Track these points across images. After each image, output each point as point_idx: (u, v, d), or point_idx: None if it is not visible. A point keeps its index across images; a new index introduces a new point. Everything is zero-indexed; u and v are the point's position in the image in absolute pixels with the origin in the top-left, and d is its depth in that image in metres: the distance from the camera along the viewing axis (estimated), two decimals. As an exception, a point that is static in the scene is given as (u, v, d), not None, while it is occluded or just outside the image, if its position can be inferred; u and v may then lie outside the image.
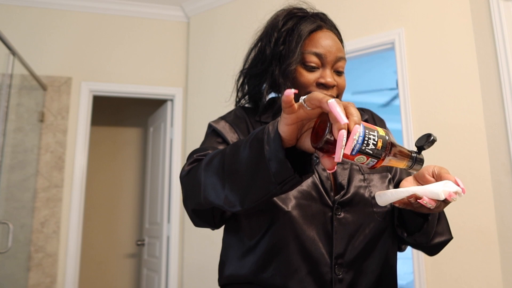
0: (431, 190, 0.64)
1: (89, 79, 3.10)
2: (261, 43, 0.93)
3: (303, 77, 0.86)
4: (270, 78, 0.90)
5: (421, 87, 2.19)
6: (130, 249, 4.02)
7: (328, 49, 0.86)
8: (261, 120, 0.91)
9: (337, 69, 0.88)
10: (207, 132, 0.94)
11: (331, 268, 0.78)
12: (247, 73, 0.96)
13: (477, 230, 1.93)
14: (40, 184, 2.85)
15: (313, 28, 0.88)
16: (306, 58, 0.86)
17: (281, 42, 0.89)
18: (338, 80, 0.88)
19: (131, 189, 4.16)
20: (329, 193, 0.81)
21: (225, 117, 0.94)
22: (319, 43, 0.86)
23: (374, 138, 0.54)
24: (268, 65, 0.90)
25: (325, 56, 0.86)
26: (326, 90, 0.85)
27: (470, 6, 2.09)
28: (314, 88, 0.86)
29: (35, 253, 2.76)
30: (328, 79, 0.85)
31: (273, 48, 0.90)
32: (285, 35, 0.89)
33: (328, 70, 0.86)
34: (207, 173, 0.70)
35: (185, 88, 3.28)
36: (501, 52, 1.93)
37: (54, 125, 2.96)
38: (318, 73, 0.86)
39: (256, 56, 0.94)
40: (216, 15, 3.16)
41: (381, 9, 2.38)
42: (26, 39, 3.01)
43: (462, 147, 2.01)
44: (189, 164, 0.80)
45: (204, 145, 0.90)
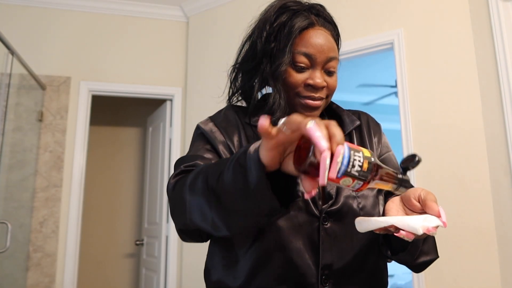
0: (410, 224, 0.62)
1: (88, 78, 3.10)
2: (253, 37, 0.90)
3: (292, 78, 0.83)
4: (261, 75, 0.87)
5: (420, 88, 2.19)
6: (129, 249, 4.02)
7: (318, 49, 0.82)
8: (251, 123, 0.87)
9: (328, 69, 0.84)
10: (195, 134, 0.91)
11: (318, 279, 0.77)
12: (239, 68, 0.93)
13: (476, 230, 1.93)
14: (39, 184, 2.85)
15: (304, 26, 0.83)
16: (296, 58, 0.82)
17: (272, 38, 0.85)
18: (328, 80, 0.85)
19: (130, 189, 4.16)
20: (316, 203, 0.79)
21: (215, 119, 0.90)
22: (309, 43, 0.82)
23: (360, 159, 0.52)
24: (259, 62, 0.87)
25: (315, 56, 0.82)
26: (315, 91, 0.83)
27: (469, 7, 2.09)
28: (302, 89, 0.83)
29: (34, 253, 2.76)
30: (317, 80, 0.82)
31: (264, 44, 0.86)
32: (277, 30, 0.85)
33: (318, 71, 0.83)
34: (192, 194, 0.67)
35: (184, 88, 3.28)
36: (500, 53, 1.93)
37: (53, 125, 2.95)
38: (308, 73, 0.83)
39: (248, 51, 0.91)
40: (215, 15, 3.16)
41: (380, 10, 2.39)
42: (25, 38, 3.00)
43: (461, 147, 2.02)
44: (175, 176, 0.77)
45: (191, 151, 0.86)
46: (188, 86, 3.25)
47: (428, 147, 2.12)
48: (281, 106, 0.83)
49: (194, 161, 0.80)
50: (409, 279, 4.71)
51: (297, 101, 0.84)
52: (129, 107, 4.23)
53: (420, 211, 0.69)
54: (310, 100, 0.83)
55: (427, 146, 2.13)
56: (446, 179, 2.03)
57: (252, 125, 0.87)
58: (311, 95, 0.83)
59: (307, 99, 0.83)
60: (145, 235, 3.60)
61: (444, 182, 2.04)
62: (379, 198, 0.86)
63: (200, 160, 0.80)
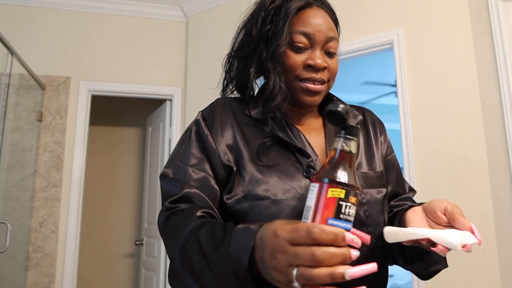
0: (448, 240, 0.59)
1: (88, 78, 3.10)
2: (248, 24, 0.86)
3: (291, 59, 0.78)
4: (258, 60, 0.83)
5: (419, 87, 2.19)
6: (128, 249, 4.02)
7: (317, 28, 0.78)
8: (250, 115, 0.82)
9: (328, 50, 0.80)
10: (191, 131, 0.83)
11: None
12: (234, 56, 0.89)
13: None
14: (38, 184, 2.85)
15: (301, 5, 0.80)
16: (294, 38, 0.78)
17: (268, 21, 0.82)
18: (329, 62, 0.80)
19: (129, 189, 4.15)
20: None
21: (207, 117, 0.83)
22: (308, 22, 0.79)
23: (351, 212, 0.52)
24: (255, 47, 0.83)
25: (314, 35, 0.78)
26: (315, 72, 0.78)
27: (468, 7, 2.09)
28: (302, 71, 0.79)
29: (33, 253, 2.76)
30: (318, 61, 0.77)
31: (260, 28, 0.82)
32: (273, 13, 0.82)
33: (318, 51, 0.79)
34: (186, 273, 0.63)
35: (184, 88, 3.28)
36: (499, 52, 1.93)
37: (53, 125, 2.95)
38: (307, 54, 0.79)
39: (243, 38, 0.87)
40: (215, 15, 3.16)
41: (380, 10, 2.39)
42: (25, 38, 3.00)
43: (460, 146, 2.02)
44: (165, 212, 0.74)
45: (181, 153, 0.80)
46: (188, 86, 3.25)
47: (428, 147, 2.12)
48: (282, 90, 0.79)
49: (182, 190, 0.74)
50: (408, 279, 4.72)
51: (297, 85, 0.80)
52: (129, 107, 4.23)
53: (446, 225, 0.66)
54: (311, 84, 0.79)
55: (426, 146, 2.12)
56: (445, 179, 2.03)
57: (252, 117, 0.82)
58: (311, 76, 0.78)
59: (307, 82, 0.79)
60: (145, 235, 3.60)
61: (443, 182, 2.04)
62: (384, 204, 0.81)
63: (187, 188, 0.75)
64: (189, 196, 0.74)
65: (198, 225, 0.66)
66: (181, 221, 0.70)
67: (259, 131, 0.80)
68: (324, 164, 0.56)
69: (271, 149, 0.78)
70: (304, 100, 0.81)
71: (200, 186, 0.75)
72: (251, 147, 0.78)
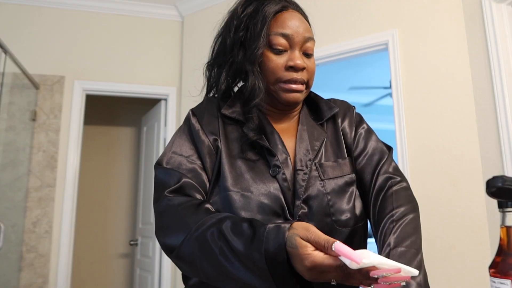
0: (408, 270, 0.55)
1: (82, 78, 3.08)
2: (223, 33, 0.90)
3: (272, 62, 0.81)
4: (234, 66, 0.86)
5: (414, 88, 2.20)
6: (123, 249, 4.00)
7: (295, 30, 0.82)
8: (226, 114, 0.85)
9: (306, 50, 0.83)
10: (183, 127, 0.88)
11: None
12: (211, 64, 0.92)
13: (469, 230, 1.94)
14: (32, 184, 2.83)
15: (278, 9, 0.83)
16: (273, 41, 0.81)
17: (241, 28, 0.85)
18: (307, 62, 0.83)
19: (124, 188, 4.14)
20: (289, 205, 0.78)
21: (197, 113, 0.88)
22: (285, 24, 0.82)
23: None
24: (230, 54, 0.86)
25: (292, 36, 0.81)
26: (295, 72, 0.81)
27: (462, 8, 2.11)
28: (283, 72, 0.81)
29: (27, 253, 2.74)
30: (298, 61, 0.81)
31: (233, 36, 0.85)
32: (246, 20, 0.85)
33: (297, 52, 0.82)
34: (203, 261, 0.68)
35: (179, 88, 3.27)
36: (493, 54, 1.95)
37: (47, 124, 2.93)
38: (286, 56, 0.82)
39: (219, 47, 0.90)
40: (211, 15, 3.16)
41: (375, 11, 2.39)
42: (19, 37, 2.98)
43: (454, 146, 2.03)
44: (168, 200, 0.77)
45: (176, 146, 0.84)
46: (183, 85, 3.24)
47: (422, 147, 2.13)
48: (261, 89, 0.81)
49: (179, 180, 0.78)
50: (403, 279, 4.74)
51: (278, 87, 0.82)
52: (124, 107, 4.21)
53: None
54: (292, 84, 0.82)
55: (421, 147, 2.14)
56: (439, 178, 2.04)
57: (228, 117, 0.85)
58: (293, 77, 0.81)
59: (289, 83, 0.82)
60: (139, 235, 3.58)
61: (437, 182, 2.05)
62: (346, 190, 0.82)
63: (185, 178, 0.79)
64: (187, 187, 0.78)
65: (217, 220, 0.69)
66: (190, 212, 0.73)
67: (236, 129, 0.85)
68: (503, 250, 0.53)
69: (246, 147, 0.82)
70: (287, 97, 0.83)
71: (194, 177, 0.80)
72: (229, 143, 0.83)
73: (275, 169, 0.79)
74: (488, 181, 0.55)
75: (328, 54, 2.49)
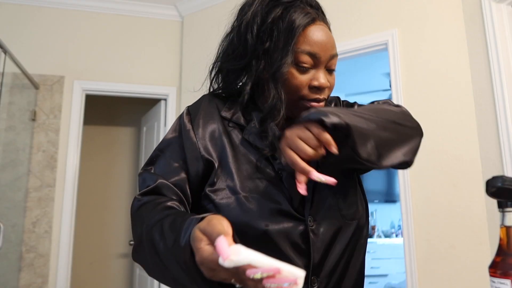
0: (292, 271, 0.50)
1: (82, 78, 3.08)
2: (240, 31, 0.82)
3: (296, 80, 0.77)
4: (254, 76, 0.80)
5: (414, 88, 2.20)
6: (122, 249, 4.00)
7: (323, 48, 0.77)
8: (225, 116, 0.83)
9: (330, 67, 0.80)
10: (175, 124, 0.85)
11: (308, 281, 0.76)
12: (223, 67, 0.86)
13: (469, 230, 1.94)
14: (32, 184, 2.83)
15: (307, 22, 0.77)
16: (299, 58, 0.76)
17: (266, 35, 0.78)
18: (329, 79, 0.80)
19: (124, 188, 4.13)
20: (298, 206, 0.78)
21: (195, 110, 0.85)
22: (313, 41, 0.76)
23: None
24: (250, 61, 0.80)
25: (319, 55, 0.77)
26: (319, 92, 0.78)
27: (462, 8, 2.11)
28: (307, 91, 0.78)
29: (27, 253, 2.74)
30: (322, 81, 0.77)
31: (256, 41, 0.79)
32: (271, 25, 0.78)
33: (322, 71, 0.78)
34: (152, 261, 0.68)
35: (179, 88, 3.27)
36: (492, 54, 1.95)
37: (46, 124, 2.93)
38: (311, 74, 0.78)
39: (235, 47, 0.83)
40: (210, 15, 3.16)
41: (374, 10, 2.39)
42: (18, 37, 2.98)
43: (454, 147, 2.03)
44: (138, 201, 0.77)
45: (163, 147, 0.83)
46: (183, 85, 3.24)
47: (422, 147, 2.13)
48: (280, 112, 0.78)
49: (155, 181, 0.77)
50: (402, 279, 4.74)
51: (301, 105, 0.79)
52: (123, 107, 4.21)
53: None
54: (315, 103, 0.79)
55: (420, 147, 2.13)
56: (439, 179, 2.04)
57: (233, 121, 0.83)
58: (316, 97, 0.78)
59: (313, 102, 0.79)
60: (139, 235, 3.58)
61: (437, 182, 2.05)
62: (347, 179, 0.85)
63: (161, 180, 0.78)
64: (161, 188, 0.77)
65: (164, 215, 0.69)
66: (151, 209, 0.73)
67: (237, 131, 0.83)
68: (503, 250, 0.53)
69: (250, 150, 0.81)
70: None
71: (172, 178, 0.79)
72: (233, 144, 0.81)
73: (281, 173, 0.79)
74: (488, 181, 0.56)
75: (328, 54, 2.48)
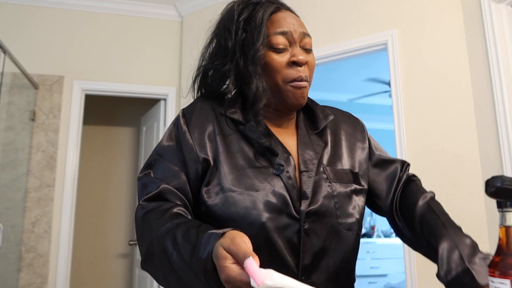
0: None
1: (82, 77, 3.08)
2: (219, 37, 0.89)
3: (275, 61, 0.82)
4: (235, 69, 0.85)
5: (413, 88, 2.21)
6: (122, 249, 4.00)
7: (292, 27, 0.84)
8: (226, 114, 0.85)
9: (305, 46, 0.85)
10: (171, 128, 0.87)
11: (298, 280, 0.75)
12: (207, 68, 0.91)
13: (469, 230, 1.94)
14: (31, 184, 2.82)
15: (272, 10, 0.85)
16: (273, 40, 0.82)
17: (240, 31, 0.85)
18: (308, 57, 0.85)
19: (123, 188, 4.13)
20: (295, 203, 0.77)
21: (187, 114, 0.86)
22: (282, 23, 0.84)
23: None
24: (231, 57, 0.85)
25: (290, 33, 0.83)
26: (299, 68, 0.82)
27: (462, 8, 2.11)
28: (287, 70, 0.82)
29: (26, 253, 2.74)
30: (300, 57, 0.82)
31: (234, 38, 0.85)
32: (243, 24, 0.85)
33: (297, 48, 0.83)
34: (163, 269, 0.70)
35: (178, 88, 3.27)
36: (492, 54, 1.95)
37: (46, 124, 2.93)
38: (288, 53, 0.83)
39: (216, 51, 0.90)
40: (210, 15, 3.15)
41: (374, 10, 2.39)
42: (18, 36, 2.98)
43: (454, 146, 2.03)
44: (143, 208, 0.77)
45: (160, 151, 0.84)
46: (182, 85, 3.24)
47: (421, 146, 2.13)
48: (266, 91, 0.82)
49: (158, 187, 0.78)
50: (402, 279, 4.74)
51: (284, 88, 0.83)
52: (123, 107, 4.21)
53: None
54: (298, 82, 0.82)
55: (420, 146, 2.14)
56: (438, 178, 2.04)
57: (228, 117, 0.85)
58: (298, 75, 0.82)
59: (295, 82, 0.82)
60: (139, 235, 3.58)
61: (436, 181, 2.05)
62: (352, 197, 0.85)
63: (164, 184, 0.79)
64: (165, 193, 0.78)
65: (174, 224, 0.70)
66: (159, 216, 0.73)
67: (234, 129, 0.84)
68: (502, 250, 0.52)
69: (246, 146, 0.82)
70: (293, 103, 0.84)
71: (174, 182, 0.79)
72: (228, 142, 0.82)
73: (278, 167, 0.79)
74: (487, 181, 0.56)
75: (328, 54, 2.49)
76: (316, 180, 0.81)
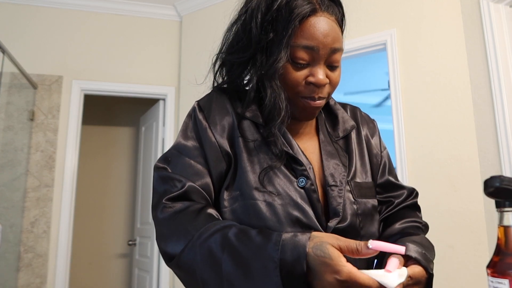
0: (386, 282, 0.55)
1: (80, 77, 3.08)
2: (245, 19, 0.77)
3: (291, 76, 0.72)
4: (256, 71, 0.76)
5: (412, 88, 2.21)
6: (121, 249, 4.00)
7: (321, 41, 0.71)
8: (246, 115, 0.78)
9: (331, 63, 0.74)
10: (189, 123, 0.80)
11: None
12: (228, 59, 0.81)
13: (467, 230, 1.94)
14: (30, 184, 2.82)
15: (305, 13, 0.70)
16: (295, 53, 0.71)
17: (270, 26, 0.73)
18: (331, 75, 0.74)
19: (122, 188, 4.13)
20: (320, 219, 0.72)
21: (204, 108, 0.79)
22: (311, 34, 0.71)
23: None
24: (255, 53, 0.76)
25: (317, 49, 0.71)
26: (316, 89, 0.73)
27: (461, 8, 2.11)
28: (302, 87, 0.73)
29: (25, 253, 2.73)
30: (319, 77, 0.72)
31: (260, 32, 0.74)
32: (276, 13, 0.72)
33: (320, 67, 0.72)
34: (204, 271, 0.64)
35: (178, 88, 3.27)
36: (491, 54, 1.95)
37: (45, 124, 2.93)
38: (308, 69, 0.73)
39: (240, 38, 0.78)
40: (209, 14, 3.15)
41: (373, 10, 2.40)
42: (17, 36, 2.97)
43: (453, 147, 2.03)
44: (167, 207, 0.71)
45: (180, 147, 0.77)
46: (181, 85, 3.24)
47: (420, 147, 2.13)
48: (282, 108, 0.73)
49: (183, 186, 0.72)
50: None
51: (296, 102, 0.75)
52: (122, 107, 4.21)
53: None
54: (311, 101, 0.74)
55: (419, 146, 2.14)
56: (437, 179, 2.04)
57: (245, 117, 0.78)
58: (312, 95, 0.74)
59: (308, 99, 0.74)
60: (138, 235, 3.58)
61: (435, 182, 2.05)
62: (375, 215, 0.81)
63: (189, 182, 0.73)
64: (191, 193, 0.72)
65: (222, 226, 0.66)
66: (192, 217, 0.69)
67: (252, 130, 0.78)
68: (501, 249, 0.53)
69: (266, 152, 0.76)
70: (302, 117, 0.79)
71: (198, 181, 0.74)
72: (248, 146, 0.76)
73: (303, 180, 0.74)
74: (486, 181, 0.56)
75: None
76: (344, 197, 0.75)
